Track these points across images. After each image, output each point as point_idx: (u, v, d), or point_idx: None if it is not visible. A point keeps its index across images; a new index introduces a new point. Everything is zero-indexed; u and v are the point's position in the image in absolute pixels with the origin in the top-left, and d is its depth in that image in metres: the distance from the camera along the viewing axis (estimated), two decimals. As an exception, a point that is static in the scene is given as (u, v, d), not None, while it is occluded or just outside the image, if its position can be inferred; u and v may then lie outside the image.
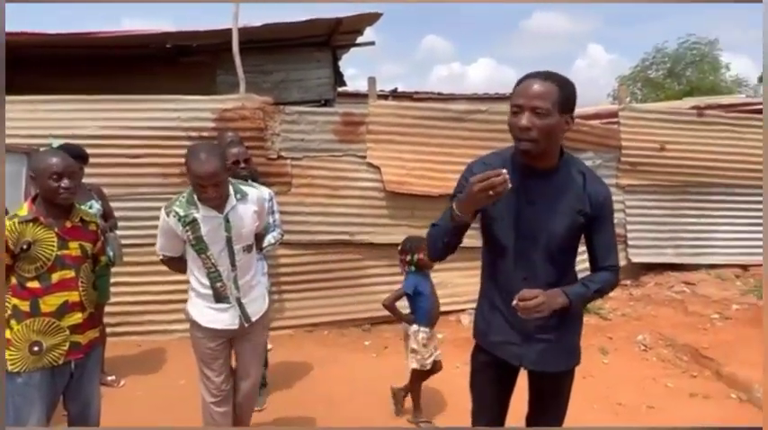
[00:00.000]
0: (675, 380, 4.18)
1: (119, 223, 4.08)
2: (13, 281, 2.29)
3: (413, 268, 3.35)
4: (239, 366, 2.76)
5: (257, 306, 2.69)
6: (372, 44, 8.56)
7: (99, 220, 2.73)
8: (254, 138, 4.91)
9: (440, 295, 3.55)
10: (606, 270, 1.96)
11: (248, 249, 2.61)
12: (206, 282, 2.55)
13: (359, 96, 8.79)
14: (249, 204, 2.57)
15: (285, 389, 3.97)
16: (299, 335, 5.14)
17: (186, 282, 2.68)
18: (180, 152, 4.91)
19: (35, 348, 2.29)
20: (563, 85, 1.78)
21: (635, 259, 6.29)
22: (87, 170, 3.71)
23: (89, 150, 3.80)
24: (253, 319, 2.64)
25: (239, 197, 2.54)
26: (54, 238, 2.31)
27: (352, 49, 8.52)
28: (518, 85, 1.81)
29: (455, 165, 5.30)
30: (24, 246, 2.24)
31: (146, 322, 4.92)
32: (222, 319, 2.58)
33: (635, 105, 7.43)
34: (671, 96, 18.65)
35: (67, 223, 2.37)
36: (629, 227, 6.24)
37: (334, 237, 5.25)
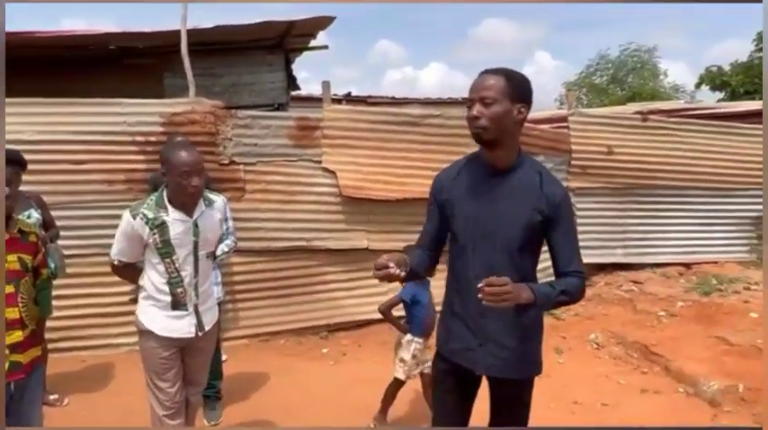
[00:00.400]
0: (627, 377, 4.31)
1: (61, 233, 3.90)
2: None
3: None
4: (189, 375, 2.72)
5: (211, 315, 2.72)
6: (326, 48, 8.51)
7: (39, 230, 2.58)
8: (205, 143, 4.77)
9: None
10: (570, 275, 1.91)
11: (210, 256, 2.66)
12: (165, 288, 2.52)
13: (312, 100, 8.73)
14: (215, 211, 2.62)
15: (241, 401, 3.87)
16: (254, 344, 5.02)
17: (131, 293, 2.60)
18: (125, 158, 4.85)
19: (-31, 370, 2.12)
20: (510, 75, 1.85)
21: (586, 260, 6.33)
22: (26, 177, 3.49)
23: (27, 156, 3.57)
24: (206, 328, 2.65)
25: (207, 203, 2.58)
26: (-11, 251, 2.15)
27: (305, 53, 8.45)
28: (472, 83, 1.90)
29: (411, 170, 5.33)
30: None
31: (90, 336, 4.69)
32: (179, 327, 2.56)
33: (583, 110, 7.65)
34: (614, 102, 19.42)
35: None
36: (579, 228, 6.37)
37: (290, 243, 5.16)
